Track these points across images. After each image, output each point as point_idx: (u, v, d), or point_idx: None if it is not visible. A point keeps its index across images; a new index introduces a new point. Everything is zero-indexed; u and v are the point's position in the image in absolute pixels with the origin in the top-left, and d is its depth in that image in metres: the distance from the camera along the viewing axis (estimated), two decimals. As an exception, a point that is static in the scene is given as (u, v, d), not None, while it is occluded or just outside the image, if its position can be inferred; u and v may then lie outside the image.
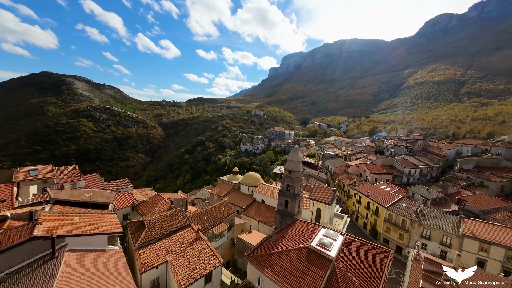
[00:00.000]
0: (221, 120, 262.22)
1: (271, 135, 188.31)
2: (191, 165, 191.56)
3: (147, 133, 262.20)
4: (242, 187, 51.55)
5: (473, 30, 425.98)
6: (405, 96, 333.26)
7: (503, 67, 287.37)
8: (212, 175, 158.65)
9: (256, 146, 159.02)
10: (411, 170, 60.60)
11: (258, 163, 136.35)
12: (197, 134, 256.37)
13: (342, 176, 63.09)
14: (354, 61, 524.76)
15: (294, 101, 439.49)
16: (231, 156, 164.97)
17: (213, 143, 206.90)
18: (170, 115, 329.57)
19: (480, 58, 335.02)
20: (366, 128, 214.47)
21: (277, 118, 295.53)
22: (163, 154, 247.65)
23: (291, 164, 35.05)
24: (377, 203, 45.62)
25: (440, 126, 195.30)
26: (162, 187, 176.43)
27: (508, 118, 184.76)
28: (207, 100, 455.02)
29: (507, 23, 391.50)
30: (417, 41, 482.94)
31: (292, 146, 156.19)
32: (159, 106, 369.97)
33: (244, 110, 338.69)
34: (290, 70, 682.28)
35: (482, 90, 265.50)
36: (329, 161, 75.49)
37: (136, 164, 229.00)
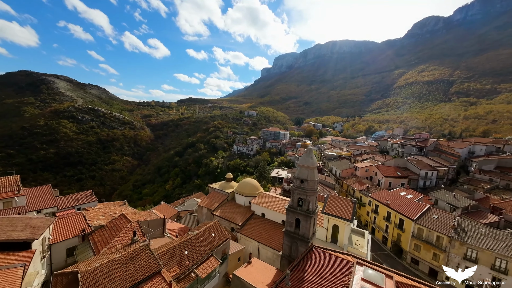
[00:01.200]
0: (213, 121, 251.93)
1: (265, 135, 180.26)
2: (181, 168, 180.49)
3: (134, 134, 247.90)
4: (237, 197, 42.76)
5: (459, 32, 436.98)
6: (397, 96, 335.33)
7: (488, 68, 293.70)
8: (204, 179, 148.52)
9: (250, 147, 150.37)
10: (427, 172, 53.82)
11: (253, 165, 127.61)
12: (187, 135, 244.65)
13: (351, 180, 55.51)
14: (345, 62, 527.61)
15: (287, 101, 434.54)
16: (223, 158, 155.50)
17: (205, 145, 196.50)
18: (159, 116, 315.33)
19: (466, 59, 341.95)
20: (361, 127, 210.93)
21: (271, 118, 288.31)
22: (152, 156, 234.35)
23: (304, 171, 26.69)
24: (401, 214, 37.96)
25: (434, 125, 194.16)
26: (150, 192, 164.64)
27: (498, 117, 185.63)
28: (198, 100, 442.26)
29: (490, 26, 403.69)
30: (406, 43, 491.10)
31: (287, 146, 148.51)
32: (148, 107, 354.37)
33: (237, 110, 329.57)
34: (283, 70, 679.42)
35: (470, 90, 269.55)
36: (333, 163, 67.94)
37: (123, 167, 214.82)
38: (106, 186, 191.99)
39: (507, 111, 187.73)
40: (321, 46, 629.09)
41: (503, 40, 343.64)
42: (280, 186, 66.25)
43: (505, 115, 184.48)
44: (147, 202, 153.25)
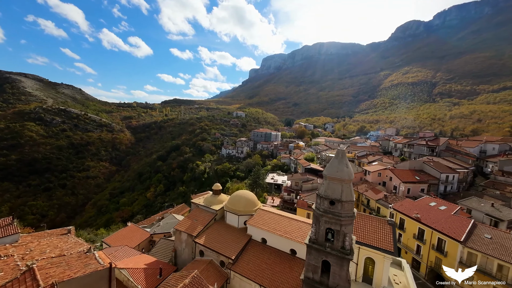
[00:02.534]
0: (199, 122, 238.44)
1: (256, 136, 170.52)
2: (164, 173, 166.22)
3: (112, 138, 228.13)
4: (228, 216, 32.33)
5: (438, 36, 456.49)
6: (383, 97, 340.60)
7: (467, 70, 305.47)
8: (189, 185, 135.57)
9: (240, 149, 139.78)
10: (448, 175, 46.49)
11: (244, 170, 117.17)
12: (172, 138, 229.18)
13: (362, 187, 46.94)
14: (333, 63, 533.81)
15: (276, 103, 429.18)
16: (211, 162, 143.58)
17: (190, 148, 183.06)
18: (141, 118, 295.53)
19: (446, 62, 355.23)
20: (353, 128, 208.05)
21: (260, 120, 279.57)
22: (132, 161, 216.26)
23: (336, 186, 17.02)
24: (440, 233, 29.38)
25: (424, 124, 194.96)
26: (128, 202, 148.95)
27: (483, 116, 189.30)
28: (183, 101, 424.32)
29: (466, 31, 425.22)
30: (390, 45, 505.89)
31: (280, 148, 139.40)
32: (128, 108, 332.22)
33: (225, 111, 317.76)
34: (271, 71, 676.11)
35: (452, 91, 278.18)
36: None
37: (98, 174, 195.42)
38: (78, 196, 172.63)
39: (489, 110, 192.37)
40: (309, 48, 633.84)
41: (478, 44, 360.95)
42: (279, 195, 56.52)
43: (488, 114, 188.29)
44: (125, 212, 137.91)
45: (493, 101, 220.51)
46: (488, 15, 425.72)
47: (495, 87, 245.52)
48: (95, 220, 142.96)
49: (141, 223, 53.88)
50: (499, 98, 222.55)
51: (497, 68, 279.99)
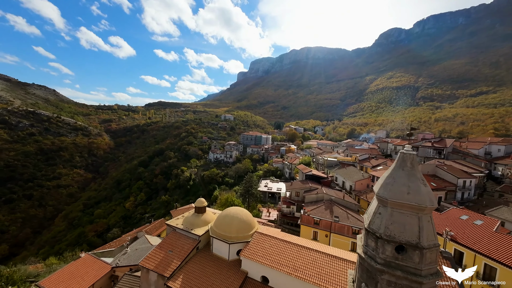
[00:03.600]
0: (186, 125, 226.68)
1: (245, 140, 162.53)
2: (146, 181, 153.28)
3: (89, 142, 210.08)
4: (216, 243, 23.98)
5: (418, 43, 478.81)
6: (370, 101, 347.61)
7: (446, 76, 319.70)
8: (173, 193, 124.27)
9: (229, 153, 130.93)
10: (465, 180, 41.22)
11: (233, 175, 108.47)
12: (155, 142, 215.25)
13: (372, 195, 40.25)
14: (320, 67, 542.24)
15: (265, 106, 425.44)
16: (197, 167, 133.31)
17: (175, 152, 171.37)
18: (122, 121, 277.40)
19: (427, 68, 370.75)
20: (343, 130, 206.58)
21: (249, 123, 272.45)
22: (111, 168, 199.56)
23: (407, 220, 9.23)
24: (491, 259, 22.86)
25: (414, 127, 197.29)
26: (104, 213, 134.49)
27: (465, 119, 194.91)
28: (169, 104, 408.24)
29: (443, 38, 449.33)
30: (374, 51, 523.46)
31: (271, 151, 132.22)
32: (108, 111, 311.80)
33: (212, 114, 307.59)
34: (259, 75, 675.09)
35: (434, 95, 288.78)
36: (338, 172, 52.82)
37: (72, 183, 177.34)
38: (47, 207, 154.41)
39: (470, 113, 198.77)
40: (296, 52, 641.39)
41: (455, 51, 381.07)
42: (276, 207, 48.74)
43: (470, 117, 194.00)
44: (99, 225, 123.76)
45: (472, 104, 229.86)
46: (462, 25, 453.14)
47: (473, 92, 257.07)
48: (65, 234, 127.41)
49: (105, 247, 43.68)
50: (477, 102, 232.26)
51: (473, 74, 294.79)
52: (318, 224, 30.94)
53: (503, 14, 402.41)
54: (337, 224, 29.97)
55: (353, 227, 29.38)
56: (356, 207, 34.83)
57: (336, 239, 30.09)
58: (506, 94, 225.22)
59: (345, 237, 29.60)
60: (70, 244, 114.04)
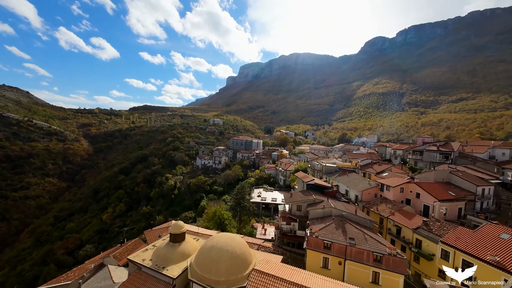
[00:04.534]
0: (172, 130, 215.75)
1: (235, 145, 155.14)
2: (126, 189, 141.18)
3: (64, 148, 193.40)
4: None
5: (401, 51, 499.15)
6: (358, 106, 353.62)
7: (428, 82, 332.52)
8: (156, 203, 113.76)
9: (217, 159, 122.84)
10: (484, 188, 36.78)
11: (222, 183, 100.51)
12: (139, 148, 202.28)
13: (383, 207, 34.90)
14: (309, 73, 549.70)
15: (254, 110, 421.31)
16: (183, 175, 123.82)
17: (160, 159, 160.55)
18: (103, 125, 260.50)
19: (410, 75, 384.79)
20: (334, 135, 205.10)
21: (239, 127, 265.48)
22: (88, 176, 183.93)
23: None
24: None
25: (400, 131, 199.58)
26: (78, 227, 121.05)
27: (450, 124, 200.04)
28: (155, 108, 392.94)
29: (424, 47, 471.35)
30: (360, 58, 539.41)
31: (262, 157, 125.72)
32: (88, 115, 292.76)
33: (201, 118, 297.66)
34: (249, 79, 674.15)
35: (418, 101, 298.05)
36: (340, 180, 47.24)
37: (42, 193, 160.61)
38: (12, 221, 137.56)
39: (454, 118, 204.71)
40: (285, 57, 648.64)
41: (435, 60, 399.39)
42: (271, 221, 41.89)
43: (455, 122, 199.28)
44: (71, 241, 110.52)
45: (454, 110, 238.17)
46: (440, 35, 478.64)
47: (453, 98, 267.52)
48: (31, 253, 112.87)
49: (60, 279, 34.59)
50: (458, 107, 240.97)
51: (453, 81, 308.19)
52: (329, 248, 24.44)
53: (476, 27, 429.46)
54: (353, 248, 23.60)
55: (374, 252, 23.09)
56: (371, 224, 28.82)
57: (352, 268, 23.64)
58: (484, 100, 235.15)
59: (364, 265, 23.18)
60: (35, 264, 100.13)
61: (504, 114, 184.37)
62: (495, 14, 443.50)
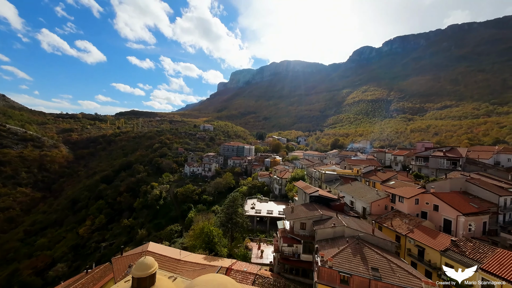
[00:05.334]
0: (160, 136, 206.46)
1: (226, 151, 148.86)
2: (108, 200, 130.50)
3: (40, 155, 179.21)
4: None
5: (387, 61, 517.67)
6: (348, 112, 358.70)
7: (414, 90, 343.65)
8: (140, 215, 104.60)
9: (207, 166, 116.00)
10: (506, 199, 33.21)
11: (212, 192, 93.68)
12: (123, 155, 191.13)
13: (398, 222, 30.40)
14: (299, 80, 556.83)
15: (246, 116, 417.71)
16: (170, 183, 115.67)
17: (145, 166, 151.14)
18: (85, 131, 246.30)
19: (397, 83, 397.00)
20: (326, 141, 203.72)
21: (230, 133, 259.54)
22: (66, 185, 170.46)
23: None
24: None
25: (391, 137, 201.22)
26: (50, 244, 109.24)
27: (438, 130, 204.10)
28: (143, 113, 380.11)
29: (409, 57, 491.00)
30: (348, 66, 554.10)
31: (255, 163, 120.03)
32: (70, 120, 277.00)
33: (191, 124, 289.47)
34: (240, 85, 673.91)
35: (405, 108, 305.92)
36: (343, 190, 42.69)
37: (13, 204, 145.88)
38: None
39: (441, 125, 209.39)
40: (276, 65, 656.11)
41: (420, 69, 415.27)
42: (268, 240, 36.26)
43: (442, 128, 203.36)
44: (41, 259, 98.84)
45: (440, 117, 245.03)
46: (423, 46, 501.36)
47: (438, 105, 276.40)
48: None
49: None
50: (444, 114, 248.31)
51: (437, 89, 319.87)
52: (348, 282, 19.16)
53: (456, 39, 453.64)
54: (379, 283, 18.45)
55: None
56: (392, 247, 23.91)
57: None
58: (467, 108, 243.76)
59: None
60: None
61: (488, 120, 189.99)
62: (472, 28, 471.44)
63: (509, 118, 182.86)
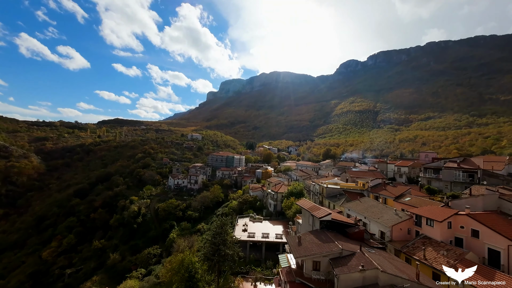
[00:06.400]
0: (144, 145, 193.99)
1: (214, 161, 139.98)
2: (80, 216, 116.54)
3: (6, 166, 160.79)
4: None
5: (372, 74, 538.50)
6: (337, 123, 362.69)
7: (399, 102, 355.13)
8: (115, 235, 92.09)
9: (193, 179, 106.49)
10: (546, 219, 27.99)
11: (198, 207, 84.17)
12: (102, 165, 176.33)
13: (432, 254, 24.17)
14: (289, 90, 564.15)
15: (235, 126, 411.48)
16: (151, 197, 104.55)
17: (126, 178, 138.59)
18: (62, 140, 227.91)
19: (382, 95, 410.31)
20: (317, 151, 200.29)
21: (219, 143, 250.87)
22: (35, 200, 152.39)
23: None
24: None
25: (383, 147, 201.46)
26: (5, 271, 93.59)
27: (425, 140, 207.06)
28: (128, 122, 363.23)
29: (392, 71, 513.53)
30: (336, 78, 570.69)
31: (245, 175, 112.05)
32: (46, 128, 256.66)
33: (178, 133, 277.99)
34: (230, 95, 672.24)
35: (391, 119, 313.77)
36: (352, 208, 36.41)
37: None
38: None
39: (428, 135, 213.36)
40: (266, 75, 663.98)
41: (403, 82, 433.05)
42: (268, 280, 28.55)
43: (429, 138, 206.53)
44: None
45: (425, 127, 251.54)
46: (405, 61, 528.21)
47: (422, 117, 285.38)
48: None
49: None
50: (428, 125, 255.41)
51: (420, 101, 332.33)
52: None
53: (434, 55, 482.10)
54: None
55: None
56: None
57: None
58: (449, 119, 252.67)
59: None
60: None
61: (471, 131, 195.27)
62: (448, 45, 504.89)
63: (490, 129, 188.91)
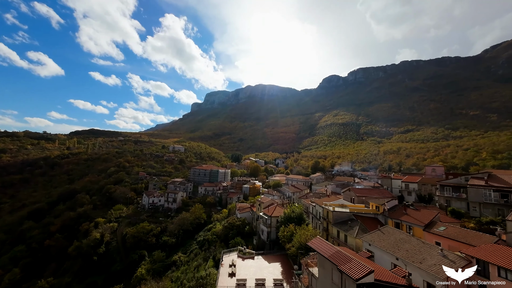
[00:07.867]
0: (119, 158, 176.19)
1: (196, 176, 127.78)
2: (32, 244, 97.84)
3: None
4: None
5: (353, 89, 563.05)
6: (322, 135, 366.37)
7: (379, 116, 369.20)
8: (72, 268, 75.52)
9: (172, 196, 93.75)
10: None
11: (175, 232, 71.64)
12: (68, 181, 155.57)
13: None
14: (274, 103, 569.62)
15: (221, 137, 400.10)
16: (120, 219, 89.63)
17: (94, 195, 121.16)
18: (23, 152, 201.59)
19: (363, 108, 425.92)
20: (305, 163, 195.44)
21: (203, 155, 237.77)
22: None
23: None
24: None
25: (368, 159, 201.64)
26: None
27: (408, 152, 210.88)
28: (104, 133, 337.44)
29: (371, 86, 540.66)
30: (319, 92, 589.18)
31: (231, 191, 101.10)
32: (6, 138, 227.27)
33: (159, 145, 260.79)
34: (215, 107, 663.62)
35: (374, 132, 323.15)
36: (374, 242, 28.64)
37: None
38: None
39: (410, 147, 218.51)
40: (252, 88, 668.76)
41: (381, 97, 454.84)
42: None
43: (412, 150, 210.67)
44: None
45: (405, 140, 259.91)
46: (382, 77, 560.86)
47: (401, 129, 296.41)
48: None
49: None
50: (408, 138, 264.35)
51: (398, 115, 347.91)
52: None
53: (408, 72, 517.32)
54: None
55: None
56: None
57: None
58: (427, 131, 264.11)
59: None
60: None
61: (450, 143, 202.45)
62: (419, 64, 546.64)
63: (466, 142, 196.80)
